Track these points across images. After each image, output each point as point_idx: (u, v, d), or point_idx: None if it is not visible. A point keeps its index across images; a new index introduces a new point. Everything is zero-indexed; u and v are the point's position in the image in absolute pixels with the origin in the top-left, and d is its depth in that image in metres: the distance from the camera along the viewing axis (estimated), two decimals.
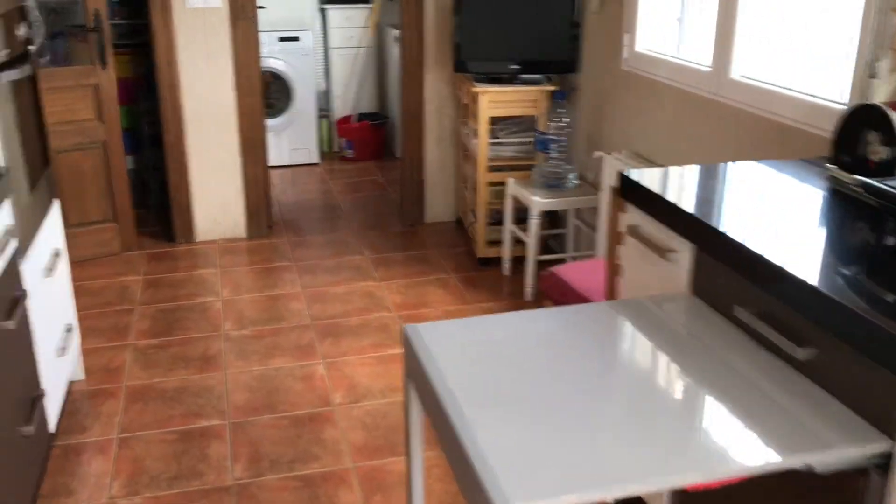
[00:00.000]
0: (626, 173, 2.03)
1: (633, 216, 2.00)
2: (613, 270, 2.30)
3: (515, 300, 3.68)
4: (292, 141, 5.67)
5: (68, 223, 3.99)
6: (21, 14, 2.58)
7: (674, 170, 2.06)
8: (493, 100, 3.77)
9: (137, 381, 3.02)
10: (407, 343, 1.59)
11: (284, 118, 5.59)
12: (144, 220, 4.57)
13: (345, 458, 2.58)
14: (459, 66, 3.85)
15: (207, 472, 2.51)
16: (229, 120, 4.22)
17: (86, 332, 3.32)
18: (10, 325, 2.03)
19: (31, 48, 2.67)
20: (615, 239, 2.29)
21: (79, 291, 3.68)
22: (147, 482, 2.46)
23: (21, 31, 2.57)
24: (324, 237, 4.46)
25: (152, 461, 2.56)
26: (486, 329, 1.64)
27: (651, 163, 3.14)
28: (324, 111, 6.05)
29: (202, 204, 4.31)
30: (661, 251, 1.85)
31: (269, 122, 5.41)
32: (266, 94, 5.07)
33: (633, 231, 1.98)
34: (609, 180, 3.29)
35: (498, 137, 3.89)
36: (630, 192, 2.01)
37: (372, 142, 5.89)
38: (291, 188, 5.33)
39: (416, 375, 1.53)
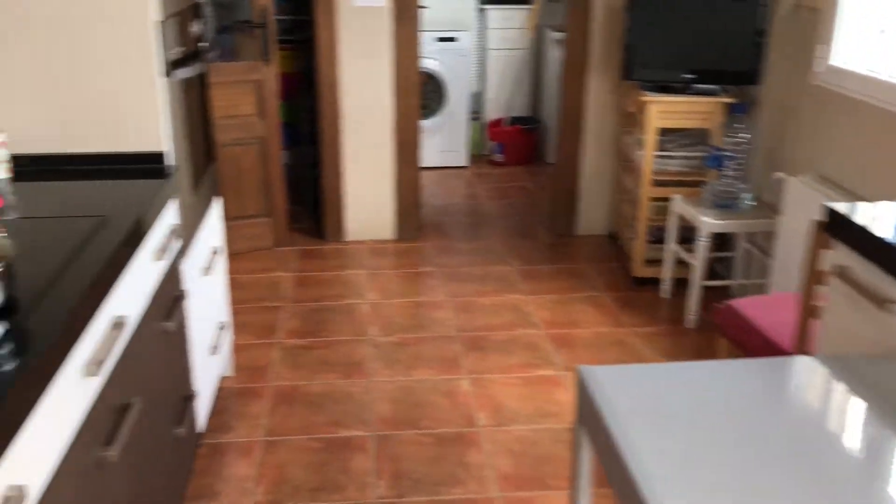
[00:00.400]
0: (835, 207, 1.78)
1: (841, 256, 1.76)
2: (809, 312, 2.05)
3: (675, 326, 3.43)
4: (442, 143, 5.60)
5: (225, 217, 4.06)
6: (195, 10, 2.59)
7: None
8: (663, 110, 3.53)
9: (283, 382, 2.99)
10: (582, 386, 1.43)
11: (436, 119, 5.53)
12: (296, 216, 4.60)
13: (490, 486, 2.44)
14: (627, 72, 3.63)
15: (349, 486, 2.43)
16: (385, 120, 4.17)
17: (236, 327, 3.34)
18: (171, 325, 2.01)
19: (204, 45, 2.68)
20: (814, 278, 2.03)
21: (231, 285, 3.72)
22: (290, 491, 2.41)
23: (195, 27, 2.57)
24: (470, 244, 4.35)
25: (296, 469, 2.51)
26: (673, 378, 1.46)
27: (842, 189, 2.83)
28: (475, 113, 5.95)
29: (354, 204, 4.29)
30: (879, 301, 1.60)
31: (422, 122, 5.35)
32: (420, 95, 5.01)
33: (842, 273, 1.73)
34: (791, 204, 3.00)
35: (665, 150, 3.65)
36: (839, 228, 1.76)
37: (523, 146, 5.74)
38: (439, 191, 5.25)
39: (591, 423, 1.36)
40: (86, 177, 2.09)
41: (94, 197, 1.98)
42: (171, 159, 2.19)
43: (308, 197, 4.85)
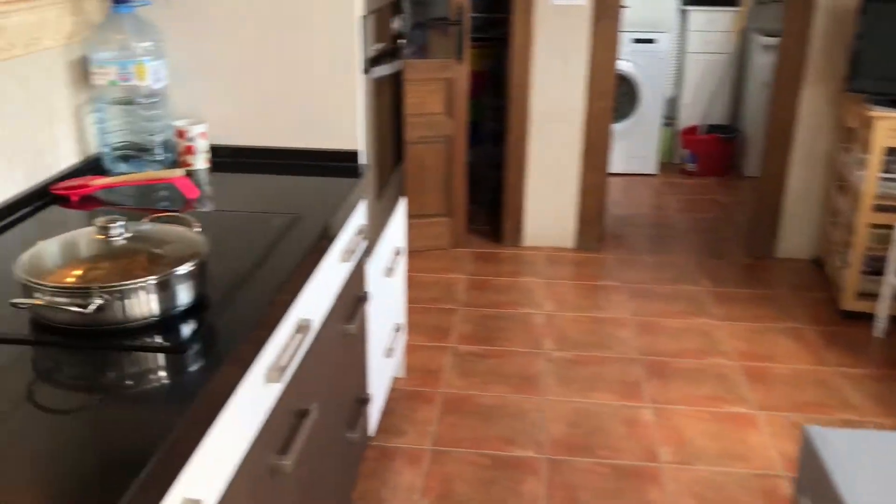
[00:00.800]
0: None
1: None
2: None
3: (891, 369, 3.04)
4: (631, 148, 5.34)
5: (409, 214, 4.04)
6: (395, 6, 2.53)
7: None
8: (894, 127, 3.14)
9: (454, 390, 2.91)
10: (808, 448, 1.22)
11: (626, 124, 5.28)
12: (474, 216, 4.52)
13: None
14: (852, 82, 3.26)
15: None
16: (575, 123, 4.00)
17: (409, 328, 3.30)
18: (352, 328, 1.95)
19: (402, 42, 2.62)
20: None
21: (407, 284, 3.69)
22: None
23: (394, 23, 2.52)
24: (656, 258, 4.09)
25: (462, 484, 2.41)
26: None
27: None
28: (668, 119, 5.64)
29: (534, 208, 4.15)
30: None
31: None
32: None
33: None
34: None
35: (891, 172, 3.25)
36: None
37: (718, 157, 5.38)
38: (624, 199, 5.01)
39: (818, 492, 1.15)
40: (281, 171, 2.07)
41: (288, 193, 1.95)
42: (364, 158, 2.14)
43: (487, 197, 4.75)
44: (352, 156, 2.12)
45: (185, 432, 1.02)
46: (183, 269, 1.23)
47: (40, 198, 1.79)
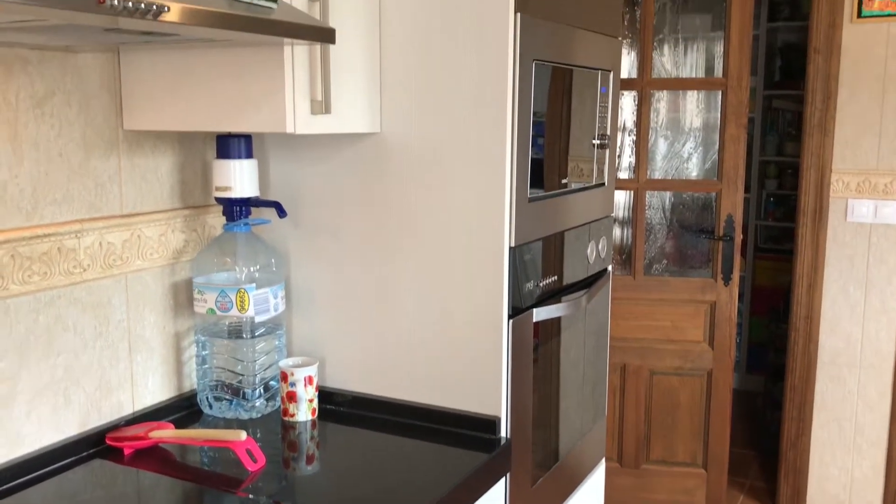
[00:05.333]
0: None
1: None
2: None
3: None
4: None
5: (648, 457, 3.33)
6: (602, 227, 2.03)
7: None
8: None
9: None
10: None
11: None
12: (740, 465, 3.63)
13: None
14: None
15: None
16: (882, 371, 3.06)
17: None
18: None
19: (604, 268, 2.09)
20: None
21: None
22: None
23: (594, 248, 2.01)
24: None
25: None
26: None
27: None
28: None
29: (822, 473, 3.20)
30: None
31: None
32: None
33: None
34: None
35: None
36: None
37: None
38: None
39: None
40: (400, 431, 1.62)
41: (394, 462, 1.47)
42: (506, 429, 1.61)
43: (763, 442, 3.83)
44: (489, 424, 1.60)
45: None
46: None
47: (93, 446, 1.50)
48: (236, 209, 1.63)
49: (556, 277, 1.78)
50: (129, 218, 1.56)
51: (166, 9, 0.98)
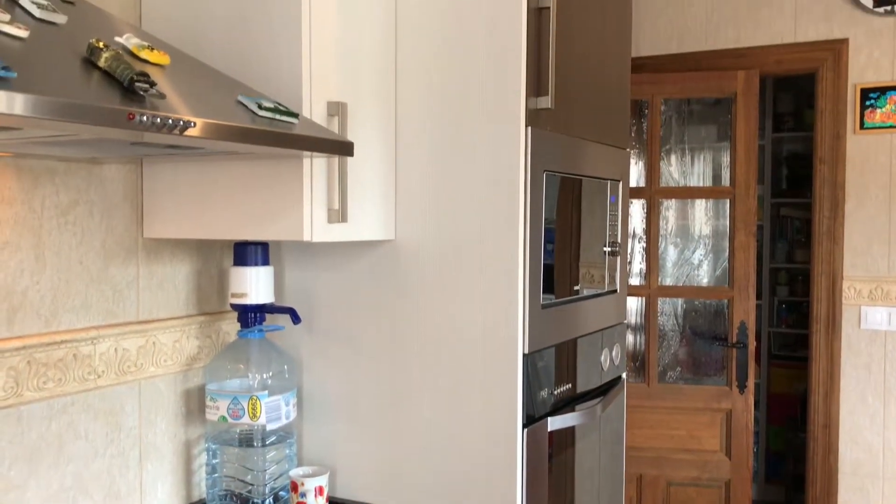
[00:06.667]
0: None
1: None
2: None
3: None
4: None
5: None
6: (615, 334, 2.02)
7: None
8: None
9: None
10: None
11: None
12: None
13: None
14: None
15: None
16: None
17: None
18: None
19: (617, 375, 2.07)
20: None
21: None
22: None
23: (608, 354, 2.00)
24: None
25: None
26: None
27: None
28: None
29: None
30: None
31: None
32: None
33: None
34: None
35: None
36: None
37: None
38: None
39: None
40: None
41: None
42: None
43: None
44: None
45: None
46: None
47: None
48: (251, 315, 1.64)
49: (570, 385, 1.77)
50: (144, 324, 1.57)
51: (192, 124, 1.02)
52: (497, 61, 1.54)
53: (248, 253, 1.62)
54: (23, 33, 0.96)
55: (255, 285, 1.62)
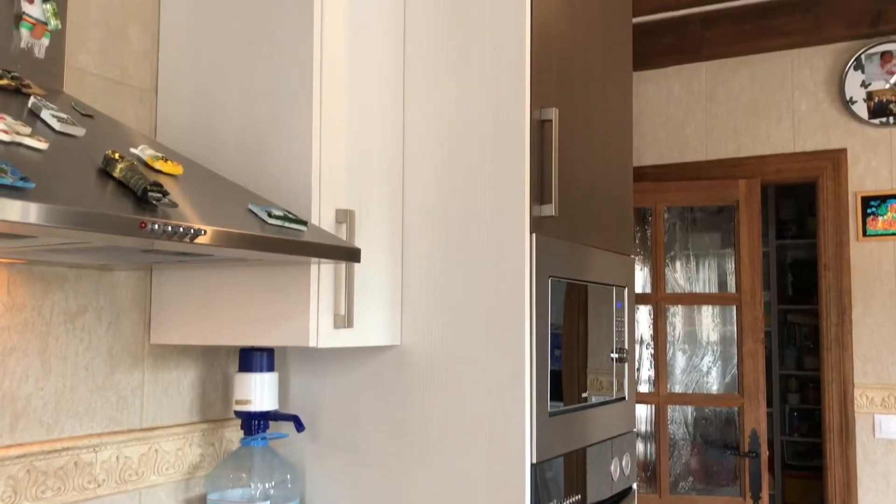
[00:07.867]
0: None
1: None
2: None
3: None
4: None
5: None
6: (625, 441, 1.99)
7: None
8: None
9: None
10: None
11: None
12: None
13: None
14: None
15: None
16: None
17: None
18: None
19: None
20: None
21: None
22: None
23: (617, 467, 1.96)
24: None
25: None
26: None
27: None
28: None
29: None
30: None
31: None
32: None
33: None
34: None
35: None
36: None
37: None
38: None
39: None
40: None
41: None
42: None
43: None
44: None
45: None
46: None
47: None
48: (255, 423, 1.63)
49: (579, 496, 1.73)
50: (148, 432, 1.55)
51: (203, 232, 1.04)
52: (502, 171, 1.58)
53: (253, 359, 1.61)
54: (42, 145, 0.99)
55: (259, 392, 1.60)
